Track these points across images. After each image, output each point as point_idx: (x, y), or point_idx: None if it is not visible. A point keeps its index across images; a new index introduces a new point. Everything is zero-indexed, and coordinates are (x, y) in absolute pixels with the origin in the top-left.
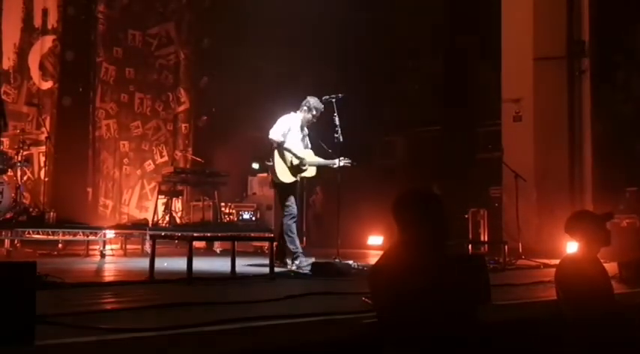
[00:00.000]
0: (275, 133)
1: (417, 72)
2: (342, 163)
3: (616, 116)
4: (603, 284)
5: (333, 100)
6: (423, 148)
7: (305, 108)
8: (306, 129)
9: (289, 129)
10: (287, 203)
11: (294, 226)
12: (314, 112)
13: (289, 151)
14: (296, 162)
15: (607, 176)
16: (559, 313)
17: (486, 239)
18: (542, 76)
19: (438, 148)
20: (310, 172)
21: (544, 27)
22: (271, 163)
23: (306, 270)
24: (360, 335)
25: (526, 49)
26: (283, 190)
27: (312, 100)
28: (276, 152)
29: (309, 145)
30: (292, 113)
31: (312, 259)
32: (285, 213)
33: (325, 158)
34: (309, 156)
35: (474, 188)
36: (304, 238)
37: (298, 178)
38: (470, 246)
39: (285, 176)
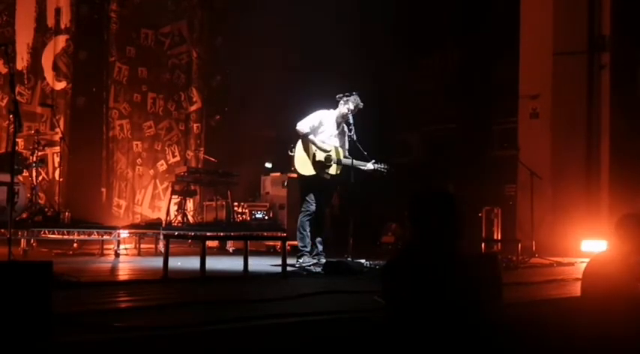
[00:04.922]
0: (302, 124)
1: (431, 69)
2: (375, 167)
3: (635, 113)
4: (633, 284)
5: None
6: (438, 146)
7: (343, 101)
8: (346, 128)
9: (320, 123)
10: (306, 198)
11: (307, 224)
12: (350, 106)
13: (314, 143)
14: (320, 156)
15: (625, 175)
16: (575, 310)
17: (500, 237)
18: (561, 72)
19: (453, 147)
20: (333, 170)
21: (564, 21)
22: (292, 153)
23: (315, 269)
24: (371, 334)
25: (545, 44)
26: (303, 184)
27: (354, 96)
28: (299, 143)
29: (347, 145)
30: (329, 110)
31: (315, 260)
32: (302, 209)
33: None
34: (338, 153)
35: (489, 186)
36: None
37: (325, 175)
38: (483, 244)
39: (304, 168)
